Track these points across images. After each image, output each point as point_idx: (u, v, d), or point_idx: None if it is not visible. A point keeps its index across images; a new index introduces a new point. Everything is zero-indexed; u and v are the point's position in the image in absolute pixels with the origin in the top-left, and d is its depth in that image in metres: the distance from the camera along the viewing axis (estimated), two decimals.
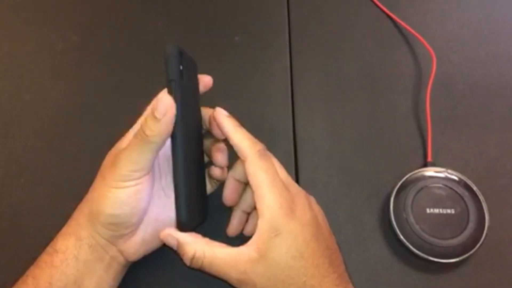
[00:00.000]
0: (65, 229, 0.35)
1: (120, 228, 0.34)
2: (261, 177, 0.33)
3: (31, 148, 0.46)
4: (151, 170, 0.34)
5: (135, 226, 0.35)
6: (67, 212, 0.36)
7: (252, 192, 0.33)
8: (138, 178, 0.33)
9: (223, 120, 0.35)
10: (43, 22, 0.55)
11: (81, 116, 0.48)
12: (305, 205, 0.34)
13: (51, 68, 0.51)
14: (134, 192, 0.33)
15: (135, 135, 0.33)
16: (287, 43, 0.53)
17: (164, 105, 0.32)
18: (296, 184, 0.36)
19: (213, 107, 0.37)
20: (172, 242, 0.34)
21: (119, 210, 0.33)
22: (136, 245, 0.36)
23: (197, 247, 0.33)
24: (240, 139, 0.35)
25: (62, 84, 0.50)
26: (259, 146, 0.35)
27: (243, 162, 0.34)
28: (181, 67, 0.33)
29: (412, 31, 0.51)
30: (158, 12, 0.55)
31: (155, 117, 0.31)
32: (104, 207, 0.33)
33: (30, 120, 0.48)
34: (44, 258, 0.34)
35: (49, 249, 0.34)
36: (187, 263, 0.33)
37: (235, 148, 0.35)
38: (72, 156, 0.46)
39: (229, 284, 0.33)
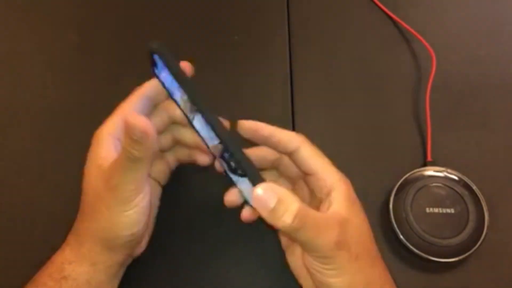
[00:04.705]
0: (74, 256, 0.34)
1: (139, 238, 0.35)
2: (321, 159, 0.35)
3: (31, 148, 0.46)
4: (148, 181, 0.34)
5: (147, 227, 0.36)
6: (67, 212, 0.36)
7: (313, 173, 0.34)
8: (140, 192, 0.32)
9: (258, 124, 0.35)
10: (42, 22, 0.55)
11: (81, 116, 0.48)
12: None
13: (51, 68, 0.51)
14: (142, 205, 0.33)
15: (122, 158, 0.31)
16: (287, 42, 0.53)
17: (139, 127, 0.29)
18: None
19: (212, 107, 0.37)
20: (271, 198, 0.29)
21: (136, 227, 0.33)
22: (144, 242, 0.37)
23: (299, 203, 0.29)
24: (283, 132, 0.35)
25: (62, 84, 0.50)
26: (302, 135, 0.36)
27: (295, 151, 0.35)
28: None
29: (412, 31, 0.51)
30: (157, 12, 0.55)
31: (136, 141, 0.29)
32: (120, 231, 0.33)
33: (29, 119, 0.48)
34: (49, 284, 0.33)
35: (54, 274, 0.33)
36: (289, 220, 0.28)
37: (281, 142, 0.35)
38: (71, 156, 0.45)
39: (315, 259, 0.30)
